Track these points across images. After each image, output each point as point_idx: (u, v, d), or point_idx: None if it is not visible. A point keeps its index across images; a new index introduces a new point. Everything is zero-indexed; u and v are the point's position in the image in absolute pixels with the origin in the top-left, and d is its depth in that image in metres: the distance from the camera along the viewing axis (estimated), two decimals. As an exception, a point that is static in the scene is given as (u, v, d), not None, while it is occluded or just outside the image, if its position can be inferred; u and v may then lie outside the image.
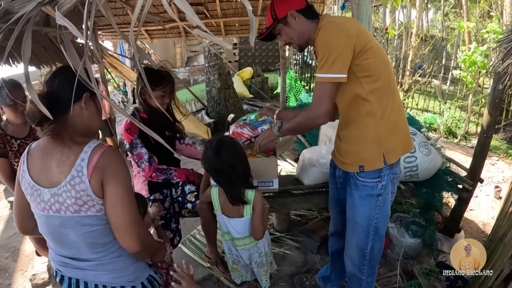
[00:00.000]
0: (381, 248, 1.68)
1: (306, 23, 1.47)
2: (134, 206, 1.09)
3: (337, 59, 1.30)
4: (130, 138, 1.85)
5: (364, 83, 1.38)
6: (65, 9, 0.73)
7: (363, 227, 1.57)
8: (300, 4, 1.46)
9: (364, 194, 1.51)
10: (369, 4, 1.70)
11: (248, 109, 6.94)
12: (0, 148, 1.97)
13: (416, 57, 8.18)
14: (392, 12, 9.72)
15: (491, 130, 2.40)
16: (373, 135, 1.43)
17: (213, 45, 5.84)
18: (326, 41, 1.33)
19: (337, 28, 1.33)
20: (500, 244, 1.86)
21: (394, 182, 1.56)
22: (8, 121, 2.03)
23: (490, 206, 3.35)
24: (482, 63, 4.62)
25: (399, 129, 1.50)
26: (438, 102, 6.97)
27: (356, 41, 1.32)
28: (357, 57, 1.34)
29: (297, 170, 2.44)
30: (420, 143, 2.27)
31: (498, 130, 5.54)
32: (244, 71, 8.69)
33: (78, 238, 1.08)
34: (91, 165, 1.02)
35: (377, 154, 1.44)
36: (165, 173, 1.95)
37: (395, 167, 1.51)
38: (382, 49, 1.45)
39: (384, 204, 1.54)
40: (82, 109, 1.09)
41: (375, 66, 1.38)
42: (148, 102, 1.90)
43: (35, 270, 2.65)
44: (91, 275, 1.16)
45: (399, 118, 1.49)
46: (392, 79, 1.48)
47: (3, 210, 3.74)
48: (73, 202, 1.03)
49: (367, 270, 1.66)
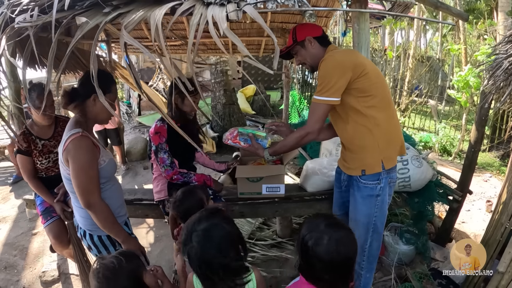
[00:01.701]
0: (379, 247, 1.86)
1: (319, 48, 1.76)
2: (85, 178, 1.45)
3: (332, 87, 1.59)
4: (158, 141, 2.04)
5: (362, 101, 1.65)
6: (130, 29, 0.91)
7: (363, 224, 1.77)
8: (317, 32, 1.76)
9: (365, 195, 1.74)
10: (368, 33, 1.93)
11: (250, 124, 7.15)
12: (24, 147, 2.12)
13: (413, 78, 8.47)
14: (391, 33, 10.09)
15: (478, 145, 2.59)
16: (372, 144, 1.68)
17: (219, 62, 6.09)
18: (325, 71, 1.61)
19: (335, 63, 1.61)
20: (486, 247, 2.01)
21: (391, 186, 1.78)
22: (34, 122, 2.18)
23: (482, 219, 3.49)
24: (475, 84, 4.84)
25: (394, 139, 1.74)
26: (433, 122, 7.19)
27: (352, 71, 1.59)
28: (354, 82, 1.61)
29: (301, 179, 2.61)
30: (413, 157, 2.46)
31: (492, 148, 5.73)
32: (247, 88, 8.98)
33: (68, 187, 1.55)
34: (65, 145, 1.45)
35: (377, 160, 1.69)
36: (185, 177, 2.10)
37: (392, 172, 1.74)
38: (378, 72, 1.72)
39: (382, 204, 1.76)
40: (92, 103, 1.55)
41: (371, 87, 1.64)
42: (180, 107, 2.10)
43: (45, 268, 2.75)
44: (76, 216, 1.65)
45: (394, 129, 1.75)
46: (387, 97, 1.73)
47: (10, 211, 3.87)
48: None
49: (366, 265, 1.84)
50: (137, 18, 0.96)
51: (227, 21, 0.91)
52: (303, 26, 1.77)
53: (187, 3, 1.04)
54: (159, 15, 0.93)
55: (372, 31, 12.47)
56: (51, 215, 2.22)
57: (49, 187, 2.22)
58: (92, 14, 1.07)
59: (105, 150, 1.63)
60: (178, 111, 2.11)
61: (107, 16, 1.01)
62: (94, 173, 1.49)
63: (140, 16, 0.97)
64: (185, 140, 2.09)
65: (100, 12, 1.06)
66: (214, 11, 0.97)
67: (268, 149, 1.88)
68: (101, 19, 1.00)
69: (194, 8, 1.02)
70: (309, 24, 1.83)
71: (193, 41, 0.94)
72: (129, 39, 0.90)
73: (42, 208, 2.26)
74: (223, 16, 0.92)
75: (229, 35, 0.88)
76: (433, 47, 16.04)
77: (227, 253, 1.11)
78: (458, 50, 6.81)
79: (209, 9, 1.00)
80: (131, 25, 0.93)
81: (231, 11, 0.95)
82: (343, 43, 7.83)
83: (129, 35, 0.90)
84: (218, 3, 1.05)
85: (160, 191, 2.17)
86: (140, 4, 1.08)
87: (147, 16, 0.96)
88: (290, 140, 1.78)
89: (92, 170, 1.48)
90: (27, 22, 1.09)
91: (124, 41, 0.92)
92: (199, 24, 0.94)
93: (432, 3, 2.02)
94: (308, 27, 1.77)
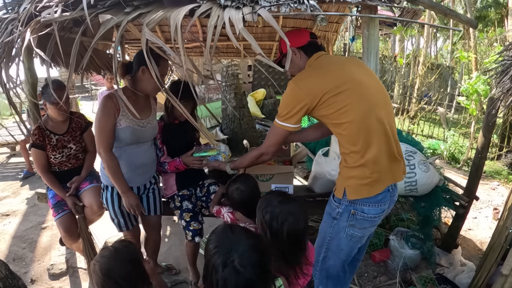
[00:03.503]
0: (335, 267, 1.76)
1: (305, 59, 1.68)
2: (98, 129, 1.77)
3: (288, 112, 1.54)
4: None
5: (333, 127, 1.56)
6: (151, 27, 0.96)
7: (320, 237, 1.77)
8: (302, 41, 1.67)
9: (327, 210, 1.72)
10: (377, 39, 1.95)
11: (259, 128, 7.19)
12: (39, 141, 2.18)
13: (422, 85, 8.45)
14: (401, 40, 10.09)
15: (485, 151, 2.60)
16: (341, 169, 1.61)
17: (231, 66, 6.15)
18: (284, 96, 1.57)
19: (291, 90, 1.54)
20: (491, 251, 2.02)
21: (358, 219, 1.58)
22: (49, 117, 2.24)
23: (489, 227, 3.47)
24: (484, 92, 4.82)
25: (365, 173, 1.52)
26: (442, 129, 7.16)
27: (309, 100, 1.49)
28: (315, 109, 1.53)
29: (309, 180, 2.64)
30: (420, 161, 2.47)
31: (500, 156, 5.69)
32: (257, 92, 9.06)
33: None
34: None
35: (340, 186, 1.60)
36: (162, 167, 2.17)
37: (361, 204, 1.55)
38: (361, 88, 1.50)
39: (339, 230, 1.63)
40: (141, 75, 1.78)
41: (338, 114, 1.48)
42: (171, 110, 2.17)
43: (53, 261, 2.81)
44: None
45: (373, 160, 1.50)
46: (368, 123, 1.48)
47: (20, 205, 3.95)
48: None
49: (318, 275, 1.82)
50: (157, 17, 1.01)
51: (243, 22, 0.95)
52: (288, 36, 1.55)
53: (204, 6, 1.08)
54: (180, 15, 0.97)
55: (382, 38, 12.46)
56: (63, 209, 2.28)
57: (61, 181, 2.28)
58: (113, 13, 1.12)
59: (128, 116, 1.86)
60: (171, 112, 2.18)
61: (129, 15, 1.07)
62: (106, 128, 1.77)
63: (161, 15, 1.02)
64: (181, 137, 2.18)
65: (121, 12, 1.11)
66: (230, 13, 1.02)
67: (230, 164, 1.94)
68: (123, 17, 1.05)
69: (211, 10, 1.07)
70: (293, 33, 1.74)
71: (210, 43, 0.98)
72: (150, 36, 0.95)
73: (54, 202, 2.31)
74: (239, 17, 0.96)
75: (244, 34, 0.92)
76: (443, 54, 15.97)
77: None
78: (468, 57, 6.78)
79: (226, 12, 1.05)
80: (152, 23, 0.98)
81: (247, 13, 1.00)
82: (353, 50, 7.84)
83: (150, 32, 0.95)
84: (234, 6, 1.09)
85: (171, 186, 2.22)
86: (159, 5, 1.13)
87: (167, 16, 1.01)
88: (247, 158, 1.82)
89: (106, 124, 1.77)
90: (52, 18, 1.15)
91: (146, 38, 0.96)
92: (216, 25, 0.98)
93: (441, 10, 2.03)
94: (291, 36, 1.64)
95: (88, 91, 12.96)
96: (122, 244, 1.31)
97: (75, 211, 2.24)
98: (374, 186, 1.54)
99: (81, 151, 2.38)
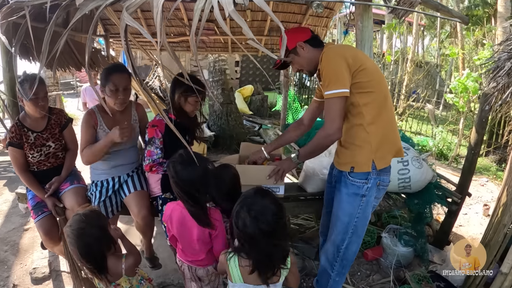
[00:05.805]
0: (356, 251, 1.77)
1: (313, 51, 1.69)
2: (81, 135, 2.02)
3: (339, 77, 1.51)
4: (153, 134, 1.99)
5: (359, 98, 1.58)
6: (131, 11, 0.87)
7: (343, 223, 1.71)
8: (306, 35, 1.71)
9: (350, 192, 1.67)
10: (371, 31, 1.90)
11: (247, 125, 7.10)
12: (16, 139, 2.05)
13: (411, 82, 8.51)
14: (389, 38, 10.14)
15: (478, 147, 2.58)
16: (365, 142, 1.61)
17: (218, 61, 6.04)
18: (329, 64, 1.54)
19: (336, 53, 1.56)
20: (486, 248, 1.99)
21: (380, 189, 1.70)
22: (27, 114, 2.12)
23: (479, 223, 3.48)
24: (473, 89, 4.86)
25: (390, 139, 1.66)
26: (431, 126, 7.22)
27: (351, 63, 1.53)
28: (353, 76, 1.55)
29: (300, 179, 2.57)
30: (413, 158, 2.44)
31: (489, 153, 5.75)
32: (245, 88, 8.96)
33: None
34: None
35: (367, 159, 1.61)
36: (161, 165, 2.05)
37: (383, 174, 1.66)
38: (377, 68, 1.66)
39: (367, 206, 1.68)
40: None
41: (369, 84, 1.57)
42: (182, 106, 2.04)
43: (36, 264, 2.68)
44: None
45: (390, 129, 1.66)
46: (386, 96, 1.65)
47: (2, 205, 3.77)
48: None
49: (337, 267, 1.78)
50: (139, 1, 0.92)
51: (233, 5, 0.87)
52: (291, 33, 1.71)
53: (190, -12, 1.00)
54: (162, -1, 0.89)
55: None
56: (42, 210, 2.15)
57: (41, 182, 2.15)
58: (91, -3, 1.02)
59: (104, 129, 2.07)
60: (180, 109, 2.05)
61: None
62: (85, 135, 2.03)
63: (142, -1, 0.93)
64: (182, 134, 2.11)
65: (100, -5, 1.01)
66: (219, -4, 0.94)
67: (295, 157, 1.79)
68: (101, 2, 0.95)
69: (198, -7, 0.98)
70: (295, 29, 1.78)
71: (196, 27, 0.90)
72: (130, 21, 0.86)
73: (33, 203, 2.19)
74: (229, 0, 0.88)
75: (235, 17, 0.84)
76: (431, 52, 16.17)
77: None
78: (458, 54, 6.84)
79: (214, -5, 0.96)
80: (132, 7, 0.89)
81: (237, -4, 0.92)
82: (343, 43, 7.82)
83: (130, 17, 0.86)
84: (223, -11, 1.01)
85: (154, 188, 2.13)
86: (141, -11, 1.04)
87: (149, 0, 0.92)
88: (312, 146, 1.67)
89: (85, 133, 2.03)
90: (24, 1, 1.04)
91: (125, 23, 0.87)
92: (204, 9, 0.90)
93: (433, 5, 2.00)
94: (295, 32, 1.72)
95: (74, 88, 12.67)
96: (90, 211, 1.52)
97: (55, 213, 2.12)
98: (399, 149, 1.72)
99: (61, 149, 2.25)
